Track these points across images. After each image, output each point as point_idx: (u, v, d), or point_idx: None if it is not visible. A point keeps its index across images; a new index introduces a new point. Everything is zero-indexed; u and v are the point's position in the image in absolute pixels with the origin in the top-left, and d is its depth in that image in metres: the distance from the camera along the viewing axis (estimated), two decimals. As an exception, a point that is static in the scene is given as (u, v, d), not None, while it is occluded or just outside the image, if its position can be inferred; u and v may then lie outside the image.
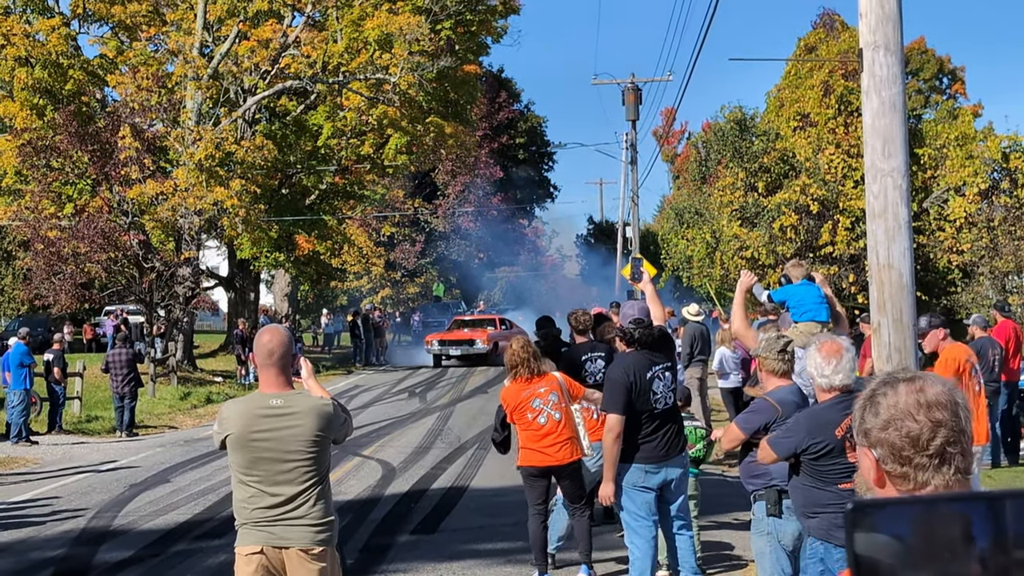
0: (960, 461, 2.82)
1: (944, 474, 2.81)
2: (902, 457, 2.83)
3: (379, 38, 42.19)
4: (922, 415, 2.83)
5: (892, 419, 2.85)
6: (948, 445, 2.81)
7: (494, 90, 76.94)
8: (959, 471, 2.82)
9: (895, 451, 2.84)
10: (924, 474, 2.82)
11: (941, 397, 2.85)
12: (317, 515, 6.67)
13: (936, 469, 2.81)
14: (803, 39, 41.42)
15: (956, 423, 2.83)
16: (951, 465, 2.82)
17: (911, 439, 2.82)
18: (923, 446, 2.81)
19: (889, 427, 2.85)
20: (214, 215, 38.92)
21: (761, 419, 8.36)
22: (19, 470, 20.97)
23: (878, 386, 2.93)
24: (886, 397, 2.89)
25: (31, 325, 43.68)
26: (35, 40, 41.66)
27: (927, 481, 2.82)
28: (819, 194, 29.53)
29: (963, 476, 2.83)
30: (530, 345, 10.94)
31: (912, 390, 2.86)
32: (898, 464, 2.84)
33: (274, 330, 6.89)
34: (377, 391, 35.82)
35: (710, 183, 38.51)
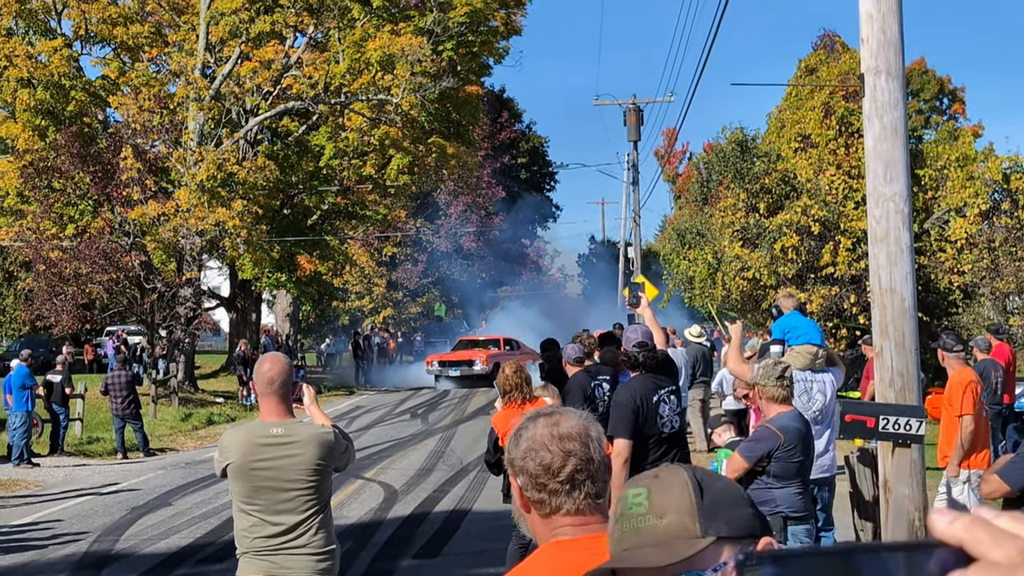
0: (590, 487, 3.04)
1: (575, 498, 3.03)
2: (538, 483, 3.05)
3: (381, 59, 42.24)
4: (555, 446, 3.05)
5: (529, 449, 3.08)
6: (577, 473, 3.03)
7: (496, 110, 77.00)
8: (589, 496, 3.03)
9: (532, 478, 3.06)
10: (557, 499, 3.03)
11: (573, 430, 3.08)
12: (319, 544, 6.65)
13: (568, 494, 3.03)
14: (804, 60, 41.49)
15: (585, 452, 3.05)
16: (581, 490, 3.03)
17: (544, 467, 3.04)
18: (555, 473, 3.03)
19: (527, 456, 3.07)
20: (216, 236, 38.96)
21: (764, 447, 8.36)
22: (21, 492, 20.94)
23: (524, 421, 3.19)
24: (527, 430, 3.14)
25: (32, 345, 43.68)
26: (37, 61, 41.73)
27: (560, 505, 3.03)
28: (820, 215, 29.49)
29: (593, 500, 3.05)
30: (522, 371, 10.97)
31: (548, 423, 3.11)
32: (536, 490, 3.06)
33: (274, 358, 6.87)
34: (379, 412, 35.77)
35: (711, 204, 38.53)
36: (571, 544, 3.03)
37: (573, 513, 3.04)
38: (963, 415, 11.01)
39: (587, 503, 3.04)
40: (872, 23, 10.18)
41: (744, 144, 34.13)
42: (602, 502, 3.08)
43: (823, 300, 29.25)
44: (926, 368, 19.92)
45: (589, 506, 3.05)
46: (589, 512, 3.05)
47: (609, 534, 2.55)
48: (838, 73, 36.21)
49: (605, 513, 3.06)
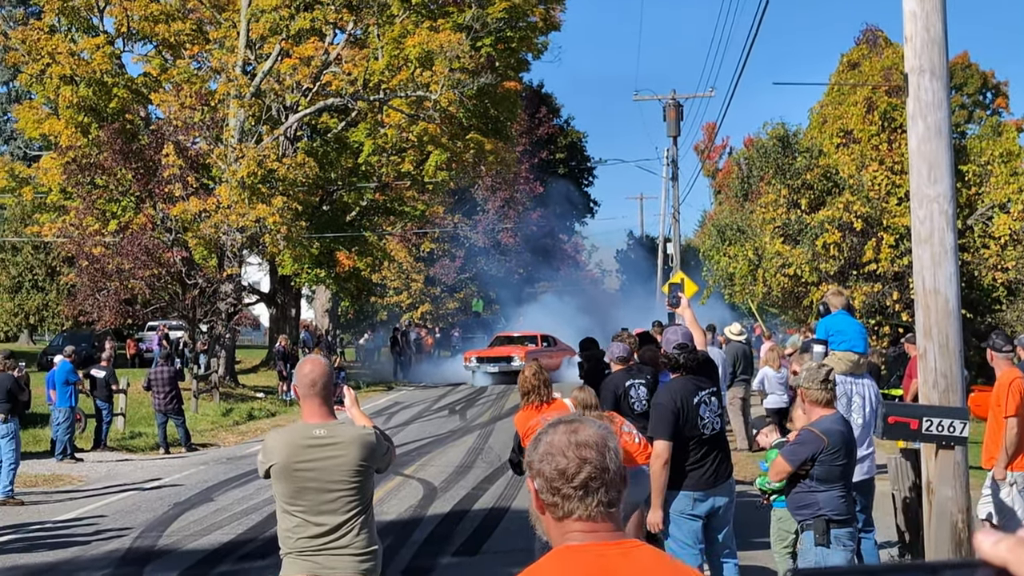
0: (603, 495, 3.14)
1: (588, 505, 3.13)
2: (553, 487, 3.15)
3: (420, 55, 42.29)
4: (571, 452, 3.16)
5: (546, 454, 3.19)
6: (591, 480, 3.13)
7: (534, 105, 76.97)
8: (602, 504, 3.14)
9: (548, 482, 3.16)
10: (570, 504, 3.14)
11: (591, 438, 3.19)
12: (361, 545, 6.69)
13: (581, 500, 3.13)
14: (846, 55, 41.28)
15: (601, 461, 3.15)
16: (594, 498, 3.13)
17: (559, 472, 3.14)
18: (569, 478, 3.13)
19: (544, 460, 3.18)
20: (256, 232, 39.12)
21: (808, 451, 8.35)
22: (64, 488, 21.10)
23: (546, 427, 3.30)
24: (546, 435, 3.25)
25: (75, 341, 43.99)
26: (80, 59, 42.02)
27: (572, 510, 3.14)
28: (863, 211, 29.35)
29: (605, 508, 3.15)
30: (542, 372, 11.06)
31: (568, 430, 3.22)
32: (550, 494, 3.16)
33: (315, 361, 6.92)
34: (417, 408, 35.86)
35: (752, 199, 38.38)
36: (580, 549, 3.12)
37: (584, 519, 3.14)
38: (1008, 416, 10.96)
39: (599, 510, 3.14)
40: (916, 21, 10.12)
41: (785, 139, 34.01)
42: (614, 511, 3.18)
43: (865, 297, 29.12)
44: (969, 365, 19.82)
45: (601, 514, 3.15)
46: (600, 519, 3.15)
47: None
48: (880, 68, 36.04)
49: (616, 522, 3.19)
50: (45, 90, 42.90)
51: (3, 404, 19.15)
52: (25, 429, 24.85)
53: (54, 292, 63.20)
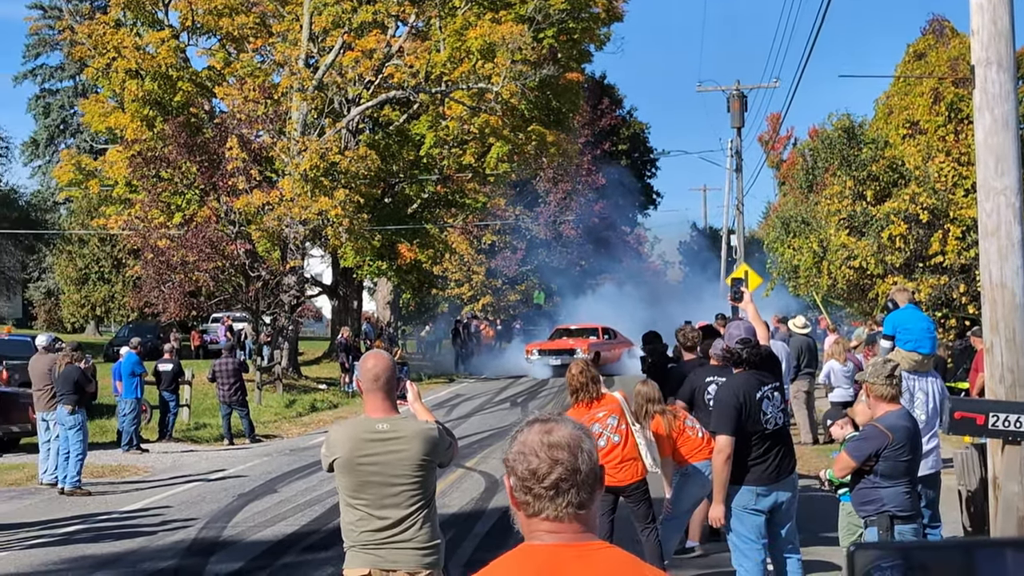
0: (574, 496, 3.17)
1: (557, 505, 3.17)
2: (525, 486, 3.19)
3: (482, 47, 42.31)
4: (544, 452, 3.18)
5: (519, 453, 3.22)
6: (562, 481, 3.16)
7: (596, 96, 76.75)
8: (572, 504, 3.16)
9: (520, 480, 3.20)
10: (540, 503, 3.17)
11: (564, 439, 3.22)
12: (424, 538, 6.72)
13: (551, 500, 3.16)
14: (912, 45, 40.84)
15: (573, 463, 3.18)
16: (564, 498, 3.16)
17: (531, 471, 3.18)
18: (540, 479, 3.17)
19: (517, 459, 3.22)
20: (318, 224, 39.32)
21: (872, 446, 8.30)
22: (130, 478, 21.32)
23: (522, 425, 3.32)
24: (522, 433, 3.28)
25: (140, 332, 44.39)
26: (145, 53, 42.43)
27: (542, 509, 3.17)
28: (929, 203, 29.09)
29: (575, 509, 3.17)
30: (589, 370, 11.04)
31: (542, 431, 3.24)
32: (522, 492, 3.21)
33: (378, 355, 6.96)
34: (479, 400, 35.91)
35: (817, 191, 38.13)
36: (536, 549, 3.18)
37: (552, 519, 3.18)
38: None
39: (568, 511, 3.18)
40: (983, 14, 10.03)
41: (851, 131, 33.74)
42: (584, 512, 3.20)
43: (931, 290, 28.87)
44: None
45: (570, 515, 3.18)
46: (568, 520, 3.18)
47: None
48: (947, 59, 35.66)
49: (586, 523, 3.21)
50: (111, 84, 43.38)
51: (70, 395, 19.37)
52: (92, 420, 25.14)
53: (120, 284, 63.85)
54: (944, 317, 29.17)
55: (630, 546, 11.89)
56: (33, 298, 77.12)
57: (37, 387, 20.48)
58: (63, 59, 72.64)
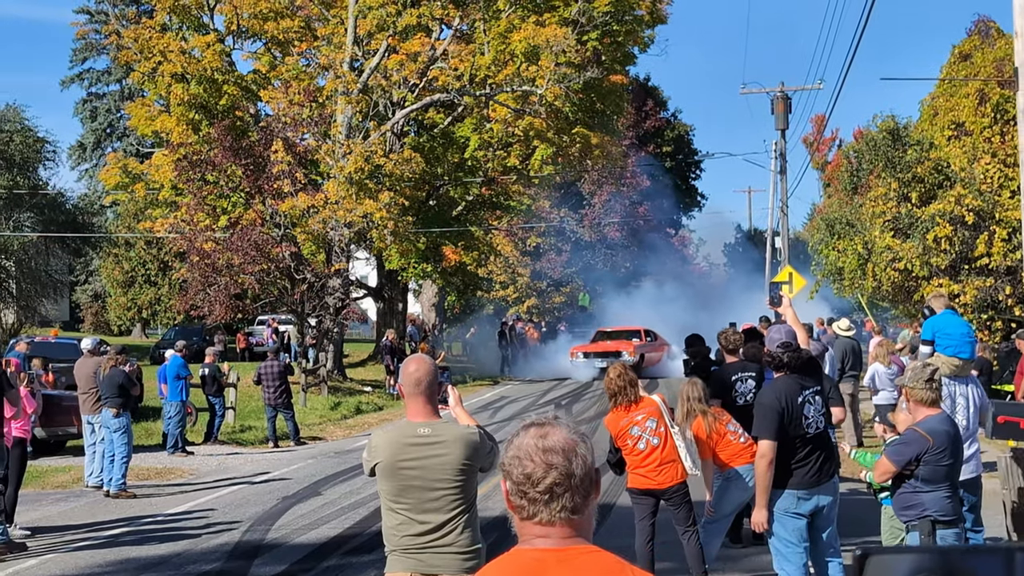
0: (568, 501, 3.19)
1: (552, 509, 3.18)
2: (520, 490, 3.21)
3: (526, 50, 42.30)
4: (538, 457, 3.20)
5: (515, 457, 3.25)
6: (556, 486, 3.18)
7: (641, 99, 76.58)
8: (565, 509, 3.18)
9: (516, 485, 3.22)
10: (535, 507, 3.19)
11: (559, 444, 3.23)
12: (465, 543, 6.73)
13: (545, 504, 3.18)
14: (958, 46, 40.51)
15: (567, 467, 3.19)
16: (558, 503, 3.18)
17: (526, 476, 3.20)
18: (535, 483, 3.19)
19: (512, 464, 3.25)
20: (363, 227, 39.41)
21: (912, 451, 8.26)
22: (175, 481, 21.46)
23: (519, 429, 3.34)
24: (518, 438, 3.30)
25: (186, 334, 44.71)
26: (191, 57, 42.69)
27: (536, 513, 3.19)
28: (974, 204, 28.88)
29: (568, 514, 3.19)
30: (627, 373, 11.11)
31: (537, 435, 3.26)
32: (517, 496, 3.23)
33: (420, 360, 6.98)
34: (523, 402, 35.91)
35: (861, 193, 37.93)
36: (525, 554, 3.20)
37: (545, 523, 3.20)
38: None
39: (562, 516, 3.19)
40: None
41: (896, 132, 33.53)
42: (578, 517, 3.22)
43: (977, 292, 28.66)
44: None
45: (563, 519, 3.19)
46: (561, 524, 3.19)
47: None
48: (993, 59, 35.37)
49: (578, 527, 3.23)
50: (157, 88, 43.65)
51: (115, 398, 19.51)
52: (137, 423, 25.35)
53: (166, 287, 64.32)
54: (990, 319, 28.97)
55: (674, 549, 11.89)
56: (80, 301, 77.83)
57: (82, 390, 20.66)
58: (109, 63, 73.22)
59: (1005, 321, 28.86)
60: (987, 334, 28.40)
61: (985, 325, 28.76)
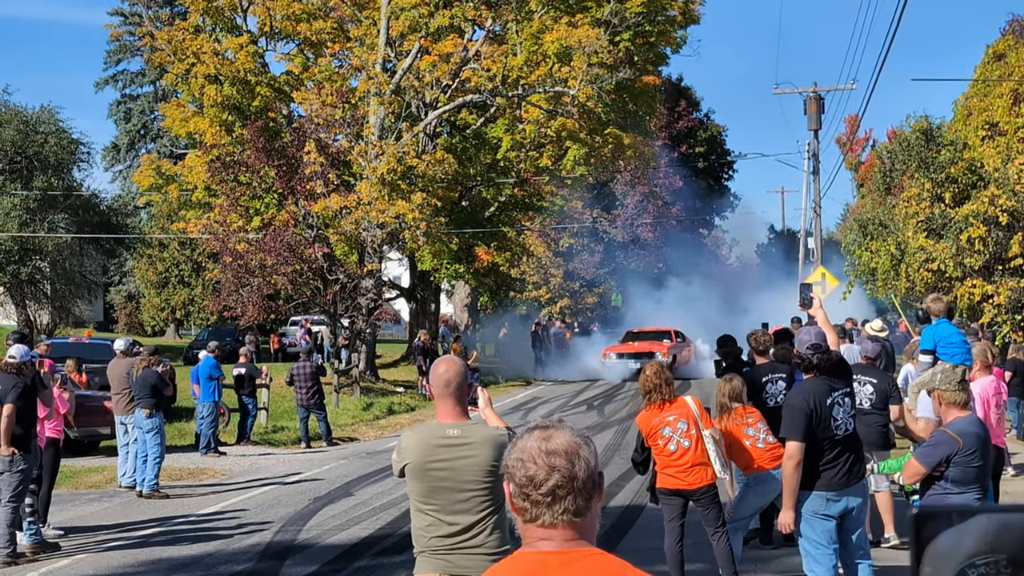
0: (570, 503, 3.19)
1: (554, 512, 3.18)
2: (523, 493, 3.21)
3: (558, 51, 42.26)
4: (541, 459, 3.20)
5: (518, 459, 3.24)
6: (559, 488, 3.18)
7: (673, 99, 76.45)
8: (568, 511, 3.18)
9: (519, 487, 3.22)
10: (538, 509, 3.19)
11: (562, 446, 3.23)
12: (494, 544, 6.72)
13: (548, 507, 3.18)
14: (991, 46, 40.32)
15: (570, 470, 3.19)
16: (561, 505, 3.18)
17: (529, 478, 3.20)
18: (537, 485, 3.19)
19: (516, 466, 3.24)
20: (396, 228, 39.46)
21: (942, 452, 8.22)
22: (208, 481, 21.54)
23: (522, 431, 3.34)
24: (521, 440, 3.29)
25: (219, 335, 44.85)
26: (224, 58, 42.86)
27: (539, 516, 3.19)
28: (1008, 205, 28.75)
29: (571, 516, 3.18)
30: (663, 371, 11.14)
31: (541, 437, 3.26)
32: (520, 499, 3.22)
33: (450, 361, 6.98)
34: (556, 403, 35.91)
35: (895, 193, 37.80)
36: (528, 556, 3.21)
37: (547, 526, 3.20)
38: None
39: (564, 518, 3.18)
40: (1061, 15, 9.90)
41: (929, 133, 33.43)
42: (580, 520, 3.21)
43: (1011, 292, 28.52)
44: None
45: (565, 522, 3.19)
46: (563, 527, 3.19)
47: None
48: (1027, 59, 35.24)
49: (581, 530, 3.22)
50: (190, 89, 43.86)
51: (148, 399, 19.59)
52: (171, 423, 25.46)
53: (199, 287, 64.55)
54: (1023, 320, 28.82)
55: (704, 550, 11.86)
56: (114, 301, 78.21)
57: (116, 391, 20.75)
58: (143, 65, 73.65)
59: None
60: (1021, 335, 28.26)
61: (1019, 326, 28.62)
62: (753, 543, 13.12)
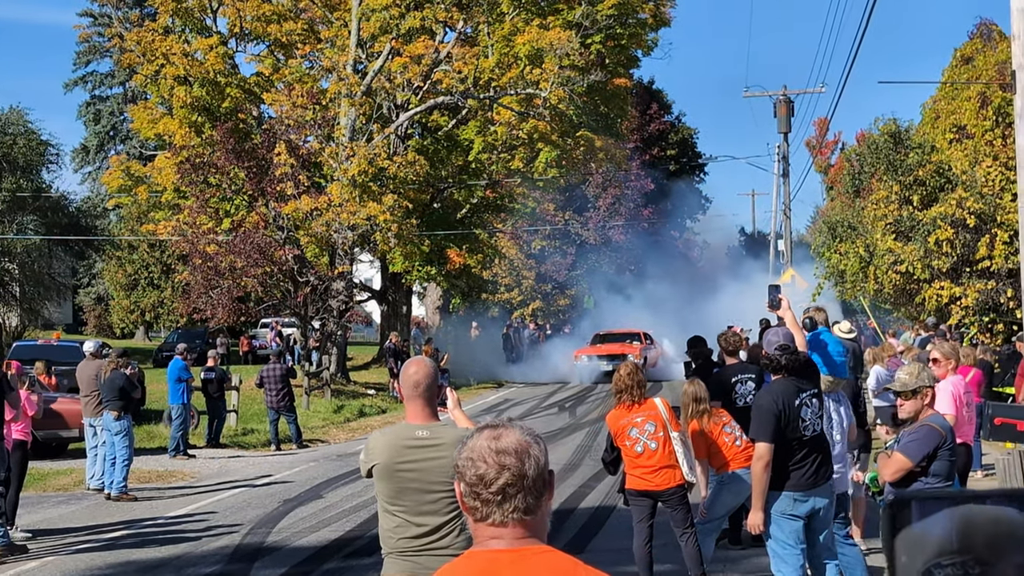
0: (520, 502, 3.17)
1: (504, 510, 3.17)
2: (473, 492, 3.20)
3: (530, 53, 42.31)
4: (491, 458, 3.19)
5: (468, 459, 3.23)
6: (509, 487, 3.17)
7: (645, 102, 76.56)
8: (518, 510, 3.17)
9: (469, 486, 3.21)
10: (488, 508, 3.18)
11: (511, 445, 3.21)
12: (462, 545, 6.70)
13: (498, 505, 3.17)
14: (960, 49, 40.49)
15: (520, 468, 3.18)
16: (511, 503, 3.17)
17: (479, 477, 3.18)
18: (487, 484, 3.17)
19: (466, 465, 3.22)
20: (367, 230, 39.41)
21: (929, 444, 8.24)
22: (177, 484, 21.45)
23: (472, 431, 3.33)
24: (471, 439, 3.28)
25: (189, 338, 44.71)
26: (194, 59, 42.73)
27: (489, 514, 3.18)
28: (976, 207, 28.88)
29: (521, 514, 3.17)
30: (637, 372, 11.16)
31: (490, 436, 3.24)
32: (471, 498, 3.22)
33: (420, 362, 6.95)
34: (527, 405, 35.92)
35: (863, 196, 37.93)
36: (479, 556, 3.20)
37: (498, 525, 3.19)
38: None
39: (515, 516, 3.18)
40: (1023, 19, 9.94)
41: (897, 135, 33.56)
42: (531, 518, 3.21)
43: (979, 294, 28.65)
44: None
45: (516, 520, 3.18)
46: (514, 525, 3.18)
47: None
48: (995, 62, 35.33)
49: (531, 528, 3.21)
50: (160, 90, 43.73)
51: (116, 402, 19.50)
52: (140, 426, 25.32)
53: (169, 290, 64.30)
54: (991, 322, 28.97)
55: (673, 551, 11.87)
56: (83, 304, 77.89)
57: (84, 393, 20.64)
58: (112, 66, 73.46)
59: (1006, 324, 28.86)
60: (988, 337, 28.42)
61: (986, 328, 28.78)
62: (722, 544, 13.14)
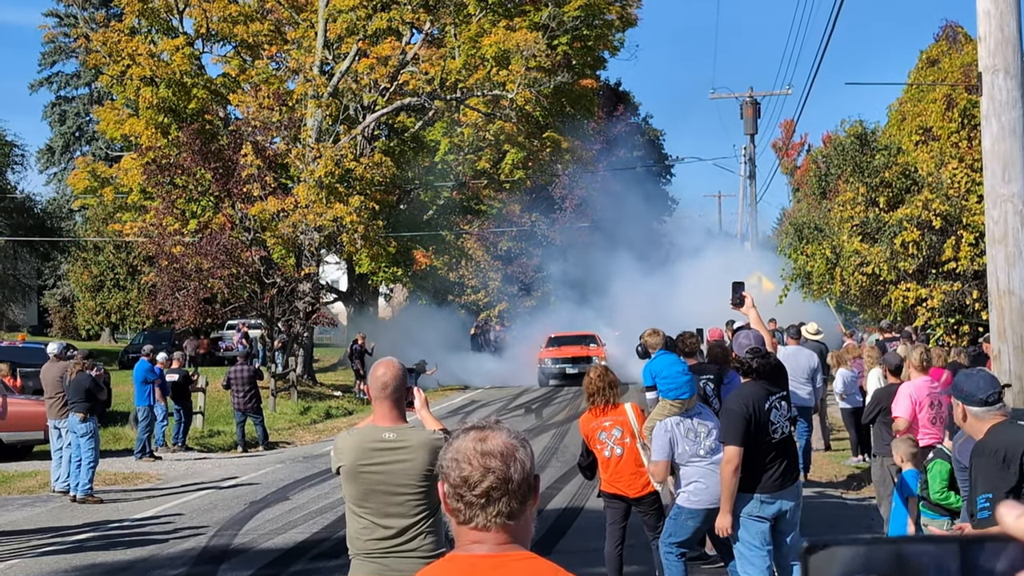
0: (504, 505, 3.14)
1: (488, 514, 3.14)
2: (457, 494, 3.17)
3: (496, 54, 42.38)
4: (476, 460, 3.17)
5: (453, 460, 3.20)
6: (493, 490, 3.14)
7: (611, 103, 76.65)
8: (502, 514, 3.14)
9: (453, 488, 3.18)
10: (472, 511, 3.15)
11: (497, 448, 3.20)
12: (429, 548, 6.71)
13: (482, 508, 3.14)
14: (925, 52, 40.76)
15: (505, 472, 3.15)
16: (495, 507, 3.14)
17: (463, 479, 3.16)
18: (472, 487, 3.15)
19: (450, 467, 3.20)
20: (334, 231, 39.35)
21: None
22: (143, 486, 21.37)
23: (458, 431, 3.31)
24: (457, 440, 3.26)
25: (155, 339, 44.46)
26: (160, 60, 42.58)
27: (472, 517, 3.15)
28: (942, 209, 28.99)
29: (505, 519, 3.14)
30: (607, 375, 11.09)
31: (476, 438, 3.23)
32: (454, 500, 3.18)
33: (389, 363, 6.93)
34: (493, 407, 35.91)
35: (830, 198, 38.05)
36: (460, 560, 3.17)
37: (481, 528, 3.16)
38: None
39: (498, 521, 3.15)
40: (990, 21, 10.01)
41: (863, 137, 33.66)
42: (514, 523, 3.18)
43: (944, 296, 28.77)
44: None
45: (499, 524, 3.15)
46: (496, 530, 3.15)
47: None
48: (960, 65, 35.57)
49: (514, 533, 3.18)
50: (125, 91, 43.56)
51: (82, 403, 19.41)
52: (106, 428, 25.19)
53: (135, 291, 64.00)
54: (957, 324, 29.09)
55: (644, 553, 11.90)
56: (48, 305, 77.42)
57: (49, 395, 20.54)
58: (78, 67, 73.04)
59: (972, 325, 28.97)
60: (955, 338, 28.55)
61: (953, 329, 28.90)
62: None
